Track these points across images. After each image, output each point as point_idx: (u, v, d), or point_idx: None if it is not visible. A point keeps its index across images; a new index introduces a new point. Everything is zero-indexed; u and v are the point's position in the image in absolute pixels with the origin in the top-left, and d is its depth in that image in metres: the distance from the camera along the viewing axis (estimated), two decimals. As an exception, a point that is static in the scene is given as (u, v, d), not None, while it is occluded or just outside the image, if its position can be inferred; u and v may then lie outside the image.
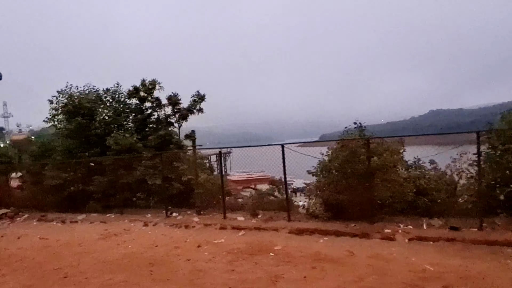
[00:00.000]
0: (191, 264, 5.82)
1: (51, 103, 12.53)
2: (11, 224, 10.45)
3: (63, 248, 7.28)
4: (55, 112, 12.52)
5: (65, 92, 12.46)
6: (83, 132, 12.05)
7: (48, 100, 12.49)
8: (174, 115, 12.91)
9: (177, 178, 11.13)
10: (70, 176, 11.29)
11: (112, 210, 10.74)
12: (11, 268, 6.16)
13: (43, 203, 11.70)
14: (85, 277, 5.47)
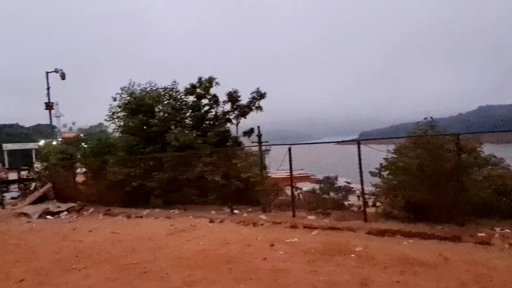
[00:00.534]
0: (269, 263, 5.65)
1: (115, 100, 13.02)
2: (79, 218, 10.94)
3: (135, 242, 7.40)
4: (118, 109, 12.98)
5: (127, 89, 12.88)
6: (144, 129, 12.38)
7: (112, 97, 13.00)
8: (233, 111, 12.93)
9: (236, 175, 11.11)
10: (132, 172, 11.62)
11: (173, 205, 10.92)
12: (91, 261, 6.32)
13: (106, 198, 12.15)
14: (165, 273, 5.46)
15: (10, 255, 7.17)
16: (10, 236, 8.93)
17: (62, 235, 8.58)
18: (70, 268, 6.04)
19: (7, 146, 48.82)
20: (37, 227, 9.77)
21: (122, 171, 11.58)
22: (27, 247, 7.69)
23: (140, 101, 12.35)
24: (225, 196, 11.13)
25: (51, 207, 11.71)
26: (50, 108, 15.70)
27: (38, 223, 10.52)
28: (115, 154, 12.88)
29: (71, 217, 11.21)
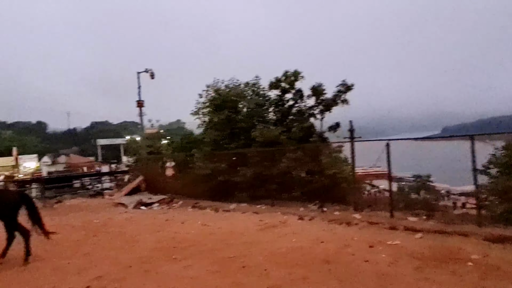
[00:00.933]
0: (373, 266, 5.31)
1: (201, 96, 13.56)
2: (170, 210, 11.59)
3: (228, 236, 7.55)
4: (203, 105, 13.49)
5: (212, 86, 13.33)
6: (229, 124, 12.69)
7: (198, 94, 13.56)
8: (318, 106, 12.65)
9: (321, 171, 10.85)
10: (217, 166, 11.98)
11: (259, 201, 11.02)
12: (189, 252, 6.56)
13: (193, 191, 12.70)
14: (264, 269, 5.43)
15: (116, 242, 7.79)
16: (113, 224, 9.75)
17: (158, 226, 9.12)
18: (171, 258, 6.34)
19: (100, 142, 54.32)
20: (134, 217, 10.54)
21: (208, 165, 11.99)
22: (129, 235, 8.29)
23: (225, 97, 12.66)
24: (310, 192, 10.92)
25: (144, 199, 12.60)
26: (141, 106, 16.96)
27: (134, 213, 11.37)
28: (201, 149, 13.36)
29: (162, 208, 11.92)
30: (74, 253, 7.09)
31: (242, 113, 12.82)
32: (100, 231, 9.08)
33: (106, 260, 6.44)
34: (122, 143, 56.02)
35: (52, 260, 6.66)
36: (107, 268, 5.98)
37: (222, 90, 12.99)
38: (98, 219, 10.46)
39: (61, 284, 5.40)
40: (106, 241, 7.92)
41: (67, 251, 7.33)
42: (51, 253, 7.21)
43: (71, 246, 7.70)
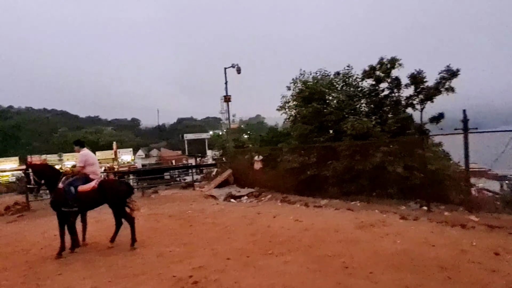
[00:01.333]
0: (503, 278, 4.57)
1: (288, 89, 13.41)
2: (259, 203, 11.67)
3: (323, 233, 7.24)
4: (291, 98, 13.32)
5: (300, 78, 13.07)
6: (318, 117, 12.31)
7: (286, 87, 13.42)
8: (417, 95, 11.61)
9: (420, 167, 9.92)
10: (306, 160, 11.72)
11: (351, 196, 10.51)
12: (285, 248, 6.41)
13: (280, 185, 12.64)
14: (369, 272, 5.03)
15: (211, 233, 8.00)
16: (206, 215, 10.10)
17: (249, 219, 9.18)
18: (267, 252, 6.26)
19: (187, 136, 57.98)
20: (226, 209, 10.80)
21: (296, 159, 11.79)
22: (223, 227, 8.47)
23: (313, 89, 12.30)
24: (407, 190, 10.09)
25: (233, 191, 12.92)
26: (228, 100, 17.43)
27: (225, 205, 11.67)
28: (289, 142, 13.19)
29: (251, 202, 12.07)
30: (173, 242, 7.43)
31: (331, 105, 12.31)
32: (195, 221, 9.46)
33: (204, 251, 6.61)
34: (207, 138, 59.40)
35: (155, 248, 7.06)
36: (207, 258, 6.12)
37: (310, 82, 12.61)
38: (192, 210, 10.96)
39: (166, 271, 5.65)
40: (202, 232, 8.19)
41: (167, 239, 7.74)
42: (153, 240, 7.68)
43: (170, 235, 8.12)
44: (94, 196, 7.05)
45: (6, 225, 11.40)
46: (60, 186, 7.06)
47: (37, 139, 68.06)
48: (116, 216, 7.41)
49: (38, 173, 7.26)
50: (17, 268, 6.51)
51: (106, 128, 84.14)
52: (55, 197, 7.08)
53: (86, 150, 7.47)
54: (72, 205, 6.95)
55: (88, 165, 7.29)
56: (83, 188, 7.07)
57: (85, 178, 7.21)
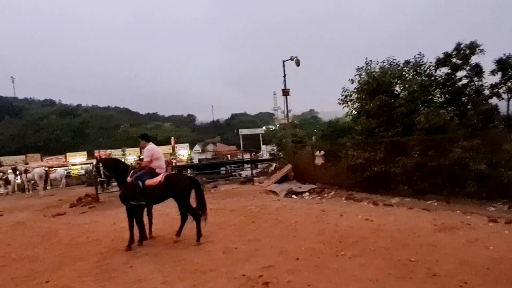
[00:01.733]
0: None
1: (352, 82, 12.74)
2: (323, 200, 11.24)
3: (399, 235, 6.68)
4: (355, 91, 12.64)
5: (364, 69, 12.34)
6: (385, 111, 11.53)
7: (349, 79, 12.77)
8: (504, 83, 10.40)
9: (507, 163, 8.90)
10: (372, 156, 11.05)
11: (424, 195, 9.71)
12: (358, 249, 5.97)
13: (344, 182, 12.09)
14: (463, 281, 4.45)
15: (276, 230, 7.76)
16: (269, 211, 9.89)
17: (314, 216, 8.81)
18: (339, 253, 5.87)
19: (242, 131, 58.64)
20: (288, 205, 10.52)
21: (361, 155, 11.17)
22: (288, 224, 8.19)
23: (380, 81, 11.52)
24: (491, 188, 9.10)
25: (294, 187, 12.59)
26: (287, 94, 17.09)
27: (287, 201, 11.39)
28: (352, 137, 12.54)
29: (314, 198, 11.66)
30: (238, 238, 7.30)
31: (401, 96, 11.42)
32: (258, 217, 9.29)
33: (271, 249, 6.37)
34: (261, 133, 59.67)
35: (220, 244, 6.97)
36: (275, 257, 5.88)
37: (375, 73, 11.80)
38: (253, 205, 10.82)
39: (233, 269, 5.50)
40: (266, 228, 7.98)
41: (231, 235, 7.63)
42: (218, 236, 7.62)
43: (234, 231, 8.02)
44: (160, 190, 7.12)
45: (78, 216, 12.13)
46: (128, 180, 7.23)
47: (102, 134, 72.87)
48: (182, 211, 7.45)
49: (108, 167, 7.48)
50: (91, 258, 6.77)
51: (164, 124, 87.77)
52: (124, 191, 7.26)
53: (152, 144, 7.57)
54: (140, 199, 7.08)
55: (155, 159, 7.37)
56: (150, 182, 7.16)
57: (152, 172, 7.30)
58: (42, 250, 7.96)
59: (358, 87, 12.38)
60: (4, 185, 24.67)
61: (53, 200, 16.90)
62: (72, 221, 11.23)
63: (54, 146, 63.87)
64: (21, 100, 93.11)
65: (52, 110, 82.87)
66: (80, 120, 76.87)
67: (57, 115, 77.92)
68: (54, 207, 14.63)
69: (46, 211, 13.53)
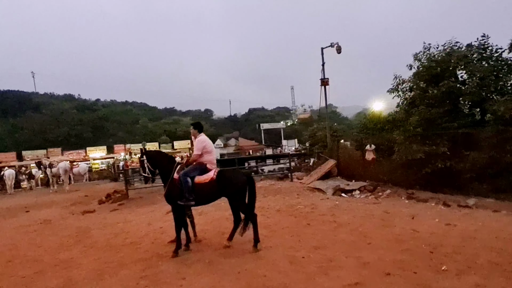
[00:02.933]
0: None
1: (410, 68, 11.54)
2: (379, 199, 10.15)
3: (502, 244, 5.60)
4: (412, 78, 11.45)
5: (423, 53, 11.13)
6: (449, 99, 10.31)
7: (407, 66, 11.60)
8: None
9: None
10: (434, 150, 9.88)
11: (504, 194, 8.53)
12: (462, 264, 4.92)
13: (399, 179, 10.95)
14: None
15: (341, 235, 6.75)
16: (321, 211, 8.90)
17: (380, 219, 7.77)
18: (439, 268, 4.82)
19: (263, 126, 57.63)
20: (341, 205, 9.49)
21: (420, 149, 10.00)
22: (351, 227, 7.18)
23: (445, 65, 10.29)
24: None
25: (341, 185, 11.53)
26: (325, 84, 15.96)
27: (337, 200, 10.36)
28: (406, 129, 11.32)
29: (367, 197, 10.59)
30: (300, 244, 6.34)
31: (468, 84, 10.17)
32: (310, 218, 8.32)
33: (348, 260, 5.38)
34: (283, 127, 58.57)
35: (281, 251, 6.03)
36: (358, 271, 4.88)
37: (438, 56, 10.55)
38: (300, 204, 9.86)
39: (312, 286, 4.56)
40: (327, 232, 7.00)
41: (289, 240, 6.68)
42: (274, 241, 6.67)
43: (290, 235, 7.06)
44: (212, 188, 6.21)
45: (109, 214, 11.42)
46: (175, 177, 6.35)
47: (121, 129, 72.97)
48: (235, 212, 6.54)
49: (152, 161, 6.64)
50: (134, 266, 5.95)
51: (182, 119, 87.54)
52: (170, 189, 6.39)
53: (204, 135, 6.65)
54: (188, 199, 6.19)
55: (206, 152, 6.45)
56: (201, 179, 6.26)
57: (202, 168, 6.40)
58: (76, 253, 7.22)
59: (416, 73, 11.14)
60: (28, 179, 24.46)
61: (79, 196, 16.37)
62: (103, 219, 10.52)
63: (74, 140, 64.27)
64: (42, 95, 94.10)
65: (72, 105, 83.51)
66: (99, 114, 77.23)
67: (77, 110, 78.49)
68: (81, 203, 14.04)
69: (74, 208, 12.91)
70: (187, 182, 6.16)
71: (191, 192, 6.17)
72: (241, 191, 6.27)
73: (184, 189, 6.15)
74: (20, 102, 75.26)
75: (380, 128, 14.76)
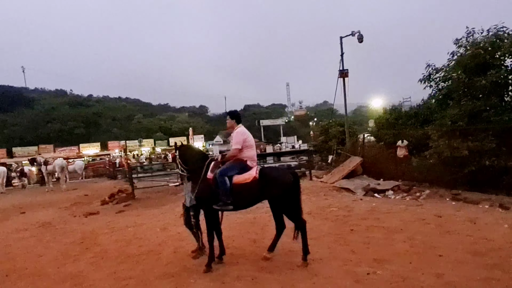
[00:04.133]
0: None
1: (453, 55, 10.57)
2: (418, 200, 9.21)
3: None
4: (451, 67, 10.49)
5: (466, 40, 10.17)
6: (497, 90, 9.36)
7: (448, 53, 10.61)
8: None
9: None
10: (476, 146, 8.96)
11: None
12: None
13: (437, 178, 10.02)
14: None
15: (398, 243, 5.81)
16: (359, 215, 7.91)
17: (436, 224, 6.80)
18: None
19: (263, 122, 56.50)
20: (379, 207, 8.53)
21: (462, 145, 9.06)
22: (407, 235, 6.21)
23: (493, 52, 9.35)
24: None
25: (371, 184, 10.58)
26: (344, 76, 14.96)
27: (374, 202, 9.39)
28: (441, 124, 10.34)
29: (403, 198, 9.64)
30: (355, 256, 5.37)
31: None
32: (351, 223, 7.35)
33: (426, 277, 4.42)
34: (282, 124, 57.49)
35: (337, 265, 5.06)
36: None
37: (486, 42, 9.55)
38: (333, 206, 8.90)
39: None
40: (380, 241, 6.04)
41: (340, 251, 5.71)
42: (320, 251, 5.69)
43: (336, 244, 6.10)
44: (253, 189, 5.21)
45: (116, 216, 10.37)
46: (209, 176, 5.34)
47: (115, 125, 71.47)
48: (278, 217, 5.56)
49: (182, 157, 5.64)
50: (161, 284, 4.94)
51: (178, 115, 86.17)
52: (202, 190, 5.39)
53: (243, 127, 5.65)
54: (226, 202, 5.19)
55: (247, 147, 5.45)
56: (240, 179, 5.26)
57: (242, 165, 5.39)
58: (85, 264, 6.19)
59: (459, 61, 10.14)
60: (19, 177, 23.23)
61: (78, 195, 15.22)
62: (110, 223, 9.46)
63: (67, 137, 62.73)
64: (32, 91, 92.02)
65: (64, 101, 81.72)
66: (92, 110, 75.61)
67: (69, 106, 76.77)
68: (82, 203, 12.93)
69: (75, 209, 11.81)
70: (225, 183, 5.16)
71: (229, 194, 5.17)
72: (288, 192, 5.29)
73: (221, 190, 5.15)
74: (10, 98, 73.27)
75: (402, 123, 13.84)
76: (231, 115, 5.66)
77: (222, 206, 5.21)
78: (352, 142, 14.90)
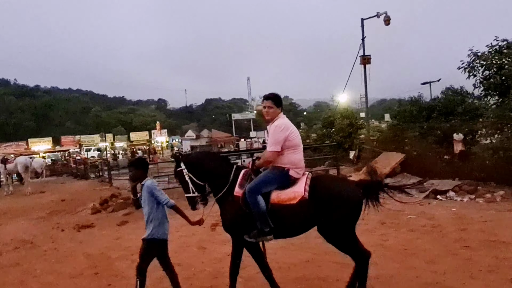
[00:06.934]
0: None
1: None
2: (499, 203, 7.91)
3: None
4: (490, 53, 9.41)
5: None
6: None
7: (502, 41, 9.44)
8: None
9: None
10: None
11: None
12: None
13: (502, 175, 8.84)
14: None
15: None
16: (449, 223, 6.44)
17: None
18: None
19: (234, 116, 54.72)
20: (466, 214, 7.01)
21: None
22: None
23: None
24: None
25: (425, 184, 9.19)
26: (366, 62, 13.57)
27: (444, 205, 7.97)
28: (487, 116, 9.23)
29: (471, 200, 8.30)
30: None
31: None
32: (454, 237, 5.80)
33: None
34: (253, 118, 56.04)
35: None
36: None
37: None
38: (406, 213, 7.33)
39: None
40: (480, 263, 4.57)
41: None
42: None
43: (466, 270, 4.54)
44: (302, 212, 3.44)
45: (119, 229, 8.15)
46: (236, 193, 3.56)
47: (69, 119, 66.05)
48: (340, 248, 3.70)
49: (197, 170, 3.76)
50: None
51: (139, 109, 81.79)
52: (228, 215, 3.68)
53: (286, 118, 3.74)
54: (262, 231, 3.41)
55: (289, 148, 3.57)
56: (283, 198, 3.48)
57: (283, 175, 3.55)
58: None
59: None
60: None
61: (52, 201, 12.43)
62: (117, 239, 7.31)
63: (13, 131, 56.89)
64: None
65: (8, 91, 74.31)
66: (42, 102, 69.35)
67: (14, 96, 69.87)
68: (63, 212, 10.42)
69: (57, 220, 9.33)
70: (258, 205, 3.36)
71: (266, 219, 3.39)
72: (353, 215, 3.54)
73: (255, 215, 3.38)
74: None
75: (426, 115, 12.76)
76: (275, 100, 3.69)
77: (257, 236, 3.45)
78: (378, 137, 13.55)
